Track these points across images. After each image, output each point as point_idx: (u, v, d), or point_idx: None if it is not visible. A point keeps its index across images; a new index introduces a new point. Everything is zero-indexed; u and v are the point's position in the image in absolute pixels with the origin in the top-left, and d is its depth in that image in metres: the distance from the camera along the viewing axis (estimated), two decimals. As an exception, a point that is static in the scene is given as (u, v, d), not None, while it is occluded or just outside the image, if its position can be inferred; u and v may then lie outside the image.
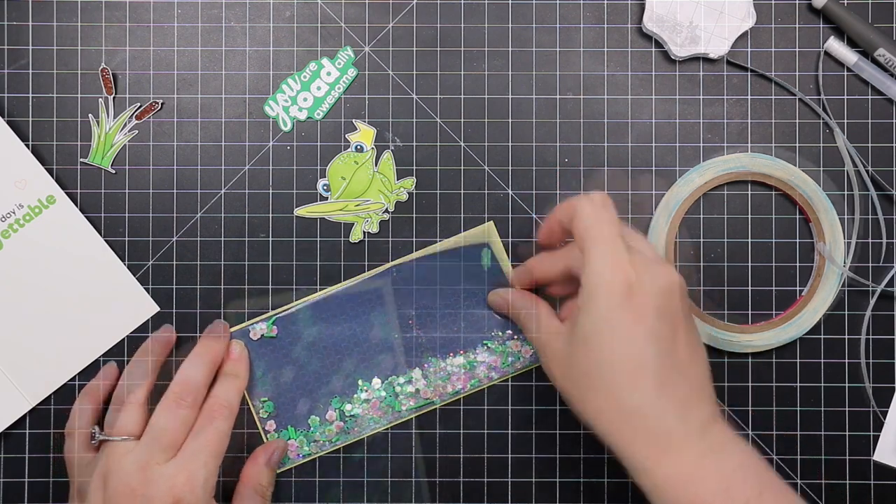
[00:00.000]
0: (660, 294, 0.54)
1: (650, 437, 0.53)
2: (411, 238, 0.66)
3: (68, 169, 0.66)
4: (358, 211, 0.63)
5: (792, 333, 0.65)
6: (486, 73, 0.67)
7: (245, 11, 0.67)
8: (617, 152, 0.67)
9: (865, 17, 0.67)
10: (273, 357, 0.65)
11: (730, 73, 0.67)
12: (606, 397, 0.54)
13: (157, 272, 0.66)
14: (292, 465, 0.66)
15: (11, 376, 0.65)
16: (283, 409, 0.65)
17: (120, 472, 0.58)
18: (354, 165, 0.63)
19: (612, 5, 0.67)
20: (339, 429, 0.65)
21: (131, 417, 0.61)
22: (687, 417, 0.54)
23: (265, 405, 0.65)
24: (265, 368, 0.65)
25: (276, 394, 0.65)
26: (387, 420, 0.65)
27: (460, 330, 0.65)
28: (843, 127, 0.67)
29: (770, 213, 0.67)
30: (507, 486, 0.67)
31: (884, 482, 0.66)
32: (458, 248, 0.65)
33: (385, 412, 0.65)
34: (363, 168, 0.63)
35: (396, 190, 0.63)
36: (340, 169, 0.63)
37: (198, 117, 0.67)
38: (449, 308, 0.65)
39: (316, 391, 0.65)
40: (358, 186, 0.63)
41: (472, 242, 0.64)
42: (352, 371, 0.65)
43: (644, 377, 0.53)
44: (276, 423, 0.65)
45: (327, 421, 0.65)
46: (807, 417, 0.66)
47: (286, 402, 0.65)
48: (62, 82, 0.66)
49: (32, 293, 0.65)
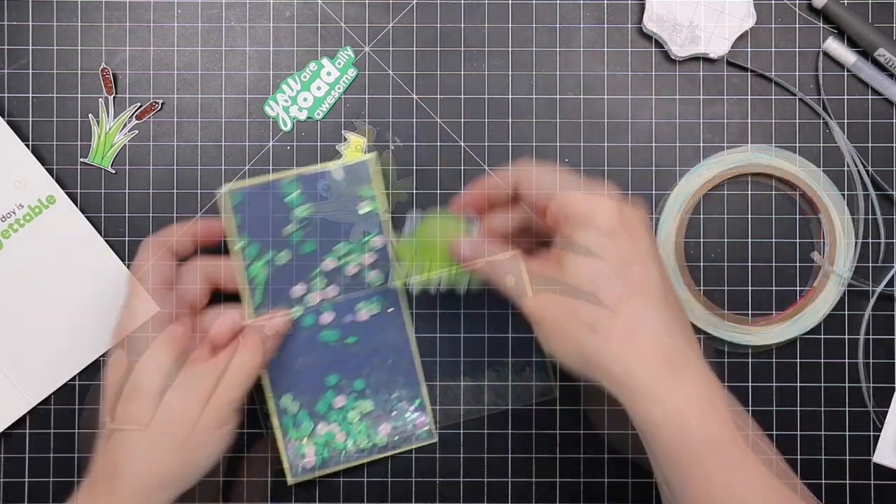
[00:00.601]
0: (643, 220, 0.54)
1: (664, 358, 0.51)
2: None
3: (68, 169, 0.66)
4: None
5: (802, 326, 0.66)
6: (486, 73, 0.67)
7: (245, 11, 0.67)
8: (617, 152, 0.67)
9: (865, 17, 0.67)
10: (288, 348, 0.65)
11: (730, 73, 0.67)
12: (619, 311, 0.52)
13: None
14: (305, 477, 0.65)
15: (11, 376, 0.65)
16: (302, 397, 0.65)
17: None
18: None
19: (612, 5, 0.67)
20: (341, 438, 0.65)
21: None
22: (691, 342, 0.53)
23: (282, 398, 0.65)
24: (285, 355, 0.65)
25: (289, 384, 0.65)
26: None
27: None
28: (844, 127, 0.67)
29: (770, 212, 0.67)
30: (507, 486, 0.67)
31: (884, 482, 0.66)
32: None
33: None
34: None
35: (461, 277, 0.60)
36: (437, 224, 0.60)
37: (198, 117, 0.67)
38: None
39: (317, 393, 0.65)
40: (438, 249, 0.60)
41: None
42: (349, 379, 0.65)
43: (653, 291, 0.52)
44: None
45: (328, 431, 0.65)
46: (807, 417, 0.66)
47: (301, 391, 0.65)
48: (62, 82, 0.66)
49: (32, 293, 0.65)
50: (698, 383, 0.52)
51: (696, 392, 0.51)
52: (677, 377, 0.51)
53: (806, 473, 0.66)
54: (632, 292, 0.52)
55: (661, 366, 0.51)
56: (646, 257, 0.53)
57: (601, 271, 0.52)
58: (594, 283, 0.52)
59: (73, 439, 0.66)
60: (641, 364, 0.51)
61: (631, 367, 0.51)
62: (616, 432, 0.64)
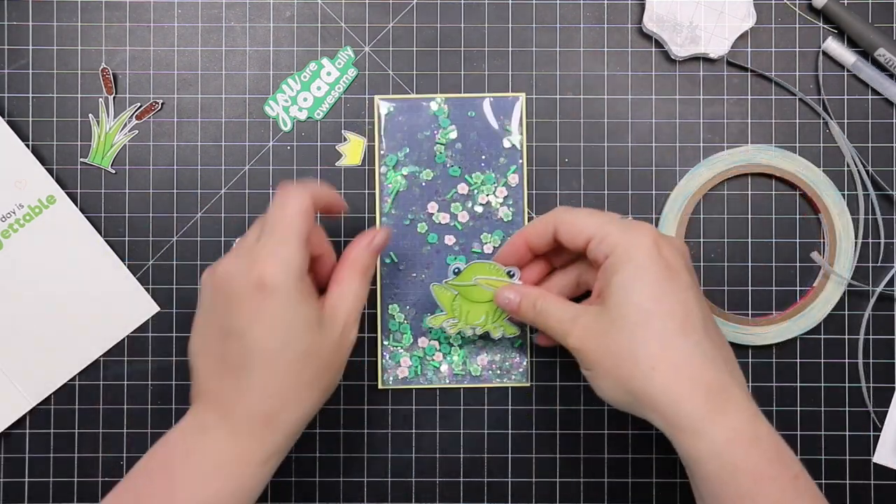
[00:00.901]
0: (679, 251, 0.55)
1: (708, 391, 0.52)
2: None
3: (68, 169, 0.66)
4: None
5: (803, 326, 0.66)
6: (486, 73, 0.67)
7: (245, 11, 0.67)
8: (617, 152, 0.67)
9: (865, 17, 0.67)
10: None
11: (730, 73, 0.67)
12: (663, 347, 0.52)
13: (157, 272, 0.66)
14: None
15: (11, 376, 0.65)
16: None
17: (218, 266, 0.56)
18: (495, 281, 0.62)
19: (612, 5, 0.67)
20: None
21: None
22: (735, 375, 0.53)
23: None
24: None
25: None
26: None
27: None
28: (844, 127, 0.67)
29: (770, 212, 0.67)
30: (507, 486, 0.67)
31: (883, 482, 0.66)
32: None
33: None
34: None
35: (498, 324, 0.63)
36: (483, 271, 0.62)
37: (198, 117, 0.67)
38: None
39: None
40: (477, 295, 0.62)
41: None
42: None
43: (693, 324, 0.53)
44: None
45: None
46: (807, 417, 0.66)
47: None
48: (62, 82, 0.66)
49: (32, 293, 0.65)
50: (743, 417, 0.52)
51: (740, 426, 0.52)
52: (721, 411, 0.52)
53: (806, 473, 0.66)
54: (673, 327, 0.53)
55: (705, 400, 0.52)
56: (685, 290, 0.54)
57: (641, 307, 0.53)
58: (636, 320, 0.53)
59: (73, 439, 0.66)
60: (687, 399, 0.52)
61: (676, 401, 0.52)
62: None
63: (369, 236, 0.59)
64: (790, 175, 0.66)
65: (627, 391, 0.53)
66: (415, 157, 0.66)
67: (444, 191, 0.66)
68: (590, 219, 0.57)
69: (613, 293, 0.54)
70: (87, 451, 0.66)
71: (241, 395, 0.54)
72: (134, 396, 0.66)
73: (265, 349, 0.54)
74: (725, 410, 0.52)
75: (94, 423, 0.66)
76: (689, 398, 0.52)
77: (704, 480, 0.52)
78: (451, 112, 0.66)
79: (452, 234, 0.66)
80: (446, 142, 0.66)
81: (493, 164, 0.66)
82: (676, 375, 0.52)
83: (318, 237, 0.59)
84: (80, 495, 0.66)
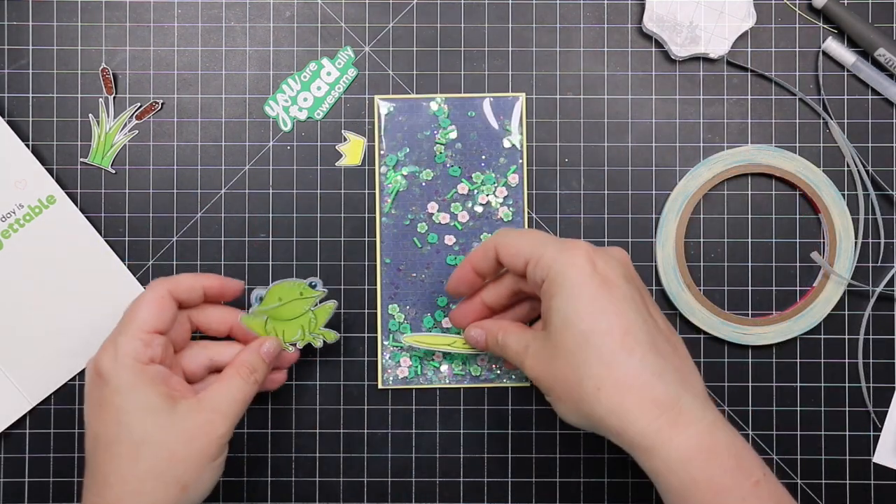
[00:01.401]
0: (618, 265, 0.54)
1: (658, 407, 0.51)
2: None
3: (68, 169, 0.66)
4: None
5: (803, 326, 0.66)
6: (487, 73, 0.67)
7: (245, 11, 0.67)
8: (617, 152, 0.67)
9: (865, 17, 0.67)
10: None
11: (730, 73, 0.67)
12: (604, 366, 0.51)
13: (157, 272, 0.66)
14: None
15: (11, 376, 0.65)
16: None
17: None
18: (299, 296, 0.62)
19: (612, 5, 0.67)
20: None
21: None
22: (687, 386, 0.52)
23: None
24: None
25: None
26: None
27: None
28: (844, 127, 0.67)
29: (770, 213, 0.67)
30: (507, 486, 0.67)
31: (883, 482, 0.66)
32: None
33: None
34: (303, 302, 0.62)
35: (316, 334, 0.62)
36: (284, 291, 0.61)
37: (198, 117, 0.67)
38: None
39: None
40: (286, 313, 0.62)
41: None
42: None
43: (636, 340, 0.52)
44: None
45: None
46: (807, 417, 0.66)
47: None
48: (62, 82, 0.66)
49: (32, 293, 0.65)
50: (697, 429, 0.51)
51: (695, 439, 0.51)
52: (673, 425, 0.51)
53: (806, 473, 0.66)
54: (613, 345, 0.52)
55: (655, 416, 0.51)
56: (623, 302, 0.53)
57: (578, 329, 0.52)
58: (576, 342, 0.52)
59: (73, 439, 0.66)
60: (636, 417, 0.51)
61: (625, 420, 0.51)
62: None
63: (260, 342, 0.60)
64: (790, 175, 0.66)
65: (581, 414, 0.53)
66: (415, 157, 0.66)
67: (444, 191, 0.66)
68: (525, 240, 0.56)
69: (552, 318, 0.54)
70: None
71: (86, 487, 0.56)
72: (134, 396, 0.66)
73: (101, 438, 0.55)
74: (677, 424, 0.51)
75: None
76: (638, 417, 0.51)
77: (667, 493, 0.52)
78: (451, 112, 0.66)
79: (452, 234, 0.66)
80: (446, 142, 0.66)
81: (493, 164, 0.66)
82: (622, 394, 0.51)
83: (183, 328, 0.60)
84: (80, 495, 0.66)
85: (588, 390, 0.52)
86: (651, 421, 0.51)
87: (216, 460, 0.56)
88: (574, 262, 0.53)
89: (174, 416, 0.55)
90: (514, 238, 0.57)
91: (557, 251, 0.54)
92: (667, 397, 0.51)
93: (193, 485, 0.55)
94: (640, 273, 0.67)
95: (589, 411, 0.52)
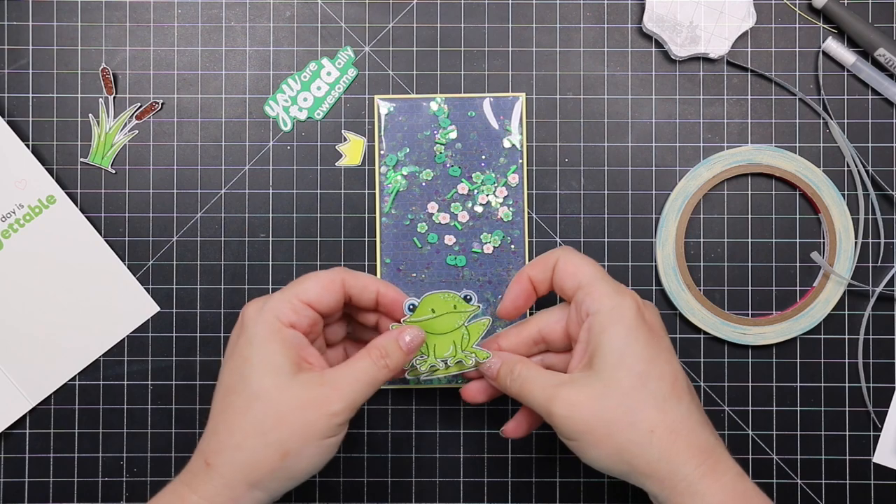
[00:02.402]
0: (657, 314, 0.56)
1: (702, 453, 0.53)
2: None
3: (68, 169, 0.66)
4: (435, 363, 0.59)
5: (803, 326, 0.66)
6: (487, 73, 0.67)
7: (245, 11, 0.67)
8: (617, 152, 0.67)
9: (865, 17, 0.67)
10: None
11: (730, 73, 0.67)
12: (659, 410, 0.53)
13: (157, 272, 0.66)
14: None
15: (11, 376, 0.65)
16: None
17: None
18: (452, 309, 0.59)
19: (612, 5, 0.67)
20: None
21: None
22: (716, 434, 0.55)
23: None
24: None
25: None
26: None
27: None
28: (844, 127, 0.67)
29: (770, 213, 0.67)
30: (507, 486, 0.67)
31: (883, 482, 0.66)
32: None
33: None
34: (456, 316, 0.59)
35: (468, 351, 0.59)
36: (438, 302, 0.58)
37: (198, 117, 0.67)
38: None
39: None
40: (439, 327, 0.59)
41: None
42: None
43: (682, 388, 0.54)
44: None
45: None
46: (807, 417, 0.66)
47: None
48: (62, 82, 0.66)
49: (32, 293, 0.65)
50: (731, 476, 0.53)
51: (731, 485, 0.53)
52: (713, 471, 0.53)
53: (806, 473, 0.66)
54: (666, 390, 0.53)
55: (700, 462, 0.53)
56: (670, 353, 0.55)
57: (635, 370, 0.53)
58: (631, 384, 0.53)
59: (73, 439, 0.66)
60: (684, 461, 0.53)
61: (675, 464, 0.53)
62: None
63: (401, 330, 0.57)
64: (790, 175, 0.66)
65: (623, 459, 0.53)
66: (415, 157, 0.66)
67: (444, 191, 0.66)
68: (587, 267, 0.56)
69: (605, 355, 0.54)
70: (87, 451, 0.66)
71: (204, 435, 0.55)
72: (134, 396, 0.66)
73: (223, 385, 0.55)
74: (716, 470, 0.53)
75: (94, 423, 0.66)
76: (686, 461, 0.53)
77: None
78: (451, 112, 0.66)
79: (452, 234, 0.66)
80: (446, 142, 0.66)
81: (493, 164, 0.66)
82: (674, 439, 0.53)
83: (340, 329, 0.60)
84: (80, 495, 0.66)
85: (641, 432, 0.53)
86: (696, 466, 0.53)
87: (325, 439, 0.54)
88: (629, 304, 0.54)
89: (293, 382, 0.54)
90: (576, 259, 0.57)
91: (613, 291, 0.55)
92: (708, 445, 0.53)
93: (294, 455, 0.53)
94: (641, 273, 0.67)
95: (637, 456, 0.53)
